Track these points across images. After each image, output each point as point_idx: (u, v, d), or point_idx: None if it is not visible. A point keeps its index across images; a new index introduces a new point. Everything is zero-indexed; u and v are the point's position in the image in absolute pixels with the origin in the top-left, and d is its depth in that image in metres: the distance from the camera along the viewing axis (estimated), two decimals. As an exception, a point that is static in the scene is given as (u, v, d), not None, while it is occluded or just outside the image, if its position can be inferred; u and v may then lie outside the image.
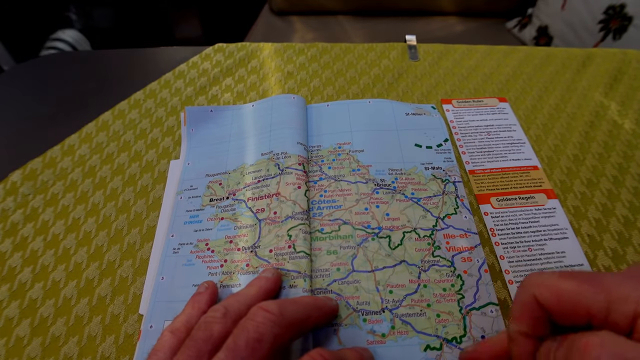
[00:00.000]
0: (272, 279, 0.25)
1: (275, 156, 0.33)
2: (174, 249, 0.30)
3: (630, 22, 0.68)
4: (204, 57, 0.45)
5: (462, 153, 0.36)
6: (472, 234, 0.30)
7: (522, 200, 0.32)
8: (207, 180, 0.33)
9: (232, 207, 0.31)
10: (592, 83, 0.41)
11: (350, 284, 0.27)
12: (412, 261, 0.28)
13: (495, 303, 0.26)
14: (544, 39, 0.82)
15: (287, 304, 0.21)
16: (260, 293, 0.24)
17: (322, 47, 0.46)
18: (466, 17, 0.94)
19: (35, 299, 0.29)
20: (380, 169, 0.33)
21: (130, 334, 0.27)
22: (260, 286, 0.25)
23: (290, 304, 0.22)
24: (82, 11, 1.13)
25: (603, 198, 0.33)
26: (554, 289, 0.17)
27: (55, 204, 0.33)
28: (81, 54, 0.62)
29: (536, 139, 0.37)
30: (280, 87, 0.42)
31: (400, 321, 0.26)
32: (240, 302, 0.23)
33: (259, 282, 0.25)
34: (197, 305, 0.24)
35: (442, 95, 0.41)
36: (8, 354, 0.26)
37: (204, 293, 0.25)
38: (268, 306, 0.21)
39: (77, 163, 0.36)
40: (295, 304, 0.22)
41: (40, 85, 0.45)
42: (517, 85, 0.42)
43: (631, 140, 0.37)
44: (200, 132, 0.36)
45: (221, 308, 0.22)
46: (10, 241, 0.31)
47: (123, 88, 0.42)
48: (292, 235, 0.28)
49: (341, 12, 0.97)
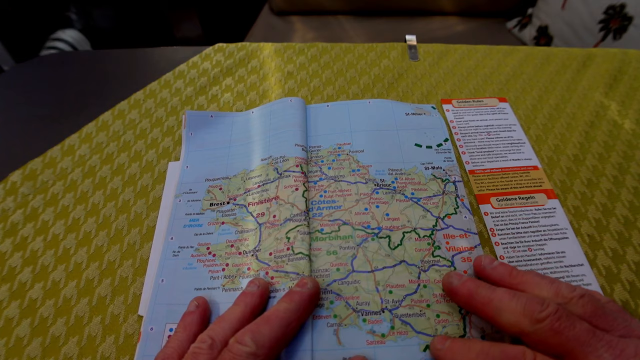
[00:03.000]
0: (257, 292, 0.26)
1: (274, 161, 0.33)
2: (174, 252, 0.30)
3: (630, 22, 0.68)
4: (204, 57, 0.45)
5: (462, 153, 0.36)
6: (472, 234, 0.30)
7: (522, 200, 0.32)
8: (207, 184, 0.33)
9: (232, 212, 0.31)
10: (592, 83, 0.41)
11: (350, 284, 0.27)
12: (412, 261, 0.28)
13: (495, 303, 0.26)
14: (544, 39, 0.82)
15: (261, 327, 0.22)
16: (247, 312, 0.24)
17: (322, 47, 0.46)
18: (466, 17, 0.94)
19: (35, 299, 0.29)
20: (380, 169, 0.33)
21: (130, 334, 0.27)
22: (246, 303, 0.25)
23: (264, 326, 0.22)
24: (82, 11, 1.13)
25: (603, 198, 0.33)
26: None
27: (55, 204, 0.33)
28: (81, 54, 0.62)
29: (536, 139, 0.37)
30: (280, 87, 0.42)
31: (399, 321, 0.26)
32: (225, 328, 0.23)
33: (244, 298, 0.25)
34: (189, 328, 0.25)
35: (442, 95, 0.41)
36: (8, 354, 0.26)
37: (195, 312, 0.26)
38: (243, 339, 0.21)
39: (77, 163, 0.36)
40: (269, 324, 0.22)
41: (40, 85, 0.45)
42: (517, 85, 0.42)
43: (631, 140, 0.37)
44: (199, 136, 0.36)
45: (207, 339, 0.22)
46: (10, 241, 0.31)
47: (123, 88, 0.42)
48: (291, 237, 0.28)
49: (341, 12, 0.97)
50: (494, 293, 0.22)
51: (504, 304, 0.21)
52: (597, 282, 0.28)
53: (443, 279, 0.26)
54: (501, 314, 0.21)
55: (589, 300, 0.21)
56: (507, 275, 0.24)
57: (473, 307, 0.23)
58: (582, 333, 0.19)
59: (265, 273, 0.28)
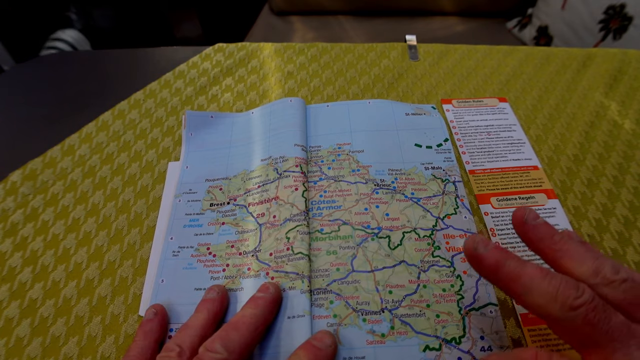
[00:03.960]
0: (217, 298, 0.26)
1: (274, 161, 0.33)
2: (174, 252, 0.30)
3: (630, 22, 0.68)
4: (204, 57, 0.45)
5: (462, 153, 0.36)
6: (472, 234, 0.29)
7: (522, 200, 0.32)
8: (207, 185, 0.33)
9: (233, 212, 0.31)
10: (592, 83, 0.41)
11: (349, 284, 0.27)
12: (412, 261, 0.28)
13: (495, 303, 0.26)
14: (544, 39, 0.82)
15: (230, 333, 0.22)
16: (210, 318, 0.25)
17: (322, 47, 0.46)
18: (466, 17, 0.94)
19: (35, 299, 0.29)
20: (380, 169, 0.33)
21: (130, 334, 0.27)
22: (208, 310, 0.25)
23: (233, 332, 0.22)
24: (82, 11, 1.13)
25: (603, 198, 0.33)
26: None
27: (55, 204, 0.33)
28: (81, 54, 0.62)
29: (536, 139, 0.37)
30: (280, 87, 0.42)
31: (399, 321, 0.26)
32: (192, 335, 0.23)
33: (206, 305, 0.25)
34: (149, 335, 0.25)
35: (442, 95, 0.41)
36: (8, 354, 0.26)
37: (154, 320, 0.26)
38: (213, 347, 0.21)
39: (77, 163, 0.36)
40: (237, 330, 0.23)
41: (40, 85, 0.45)
42: (517, 85, 0.42)
43: (631, 140, 0.37)
44: (199, 136, 0.36)
45: (175, 347, 0.22)
46: (10, 241, 0.31)
47: (123, 88, 0.42)
48: (290, 237, 0.28)
49: (341, 12, 0.97)
50: (524, 268, 0.19)
51: (535, 282, 0.19)
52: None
53: (466, 243, 0.22)
54: (530, 293, 0.19)
55: (632, 286, 0.18)
56: (548, 237, 0.21)
57: (498, 280, 0.21)
58: (616, 327, 0.17)
59: (265, 273, 0.28)
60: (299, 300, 0.26)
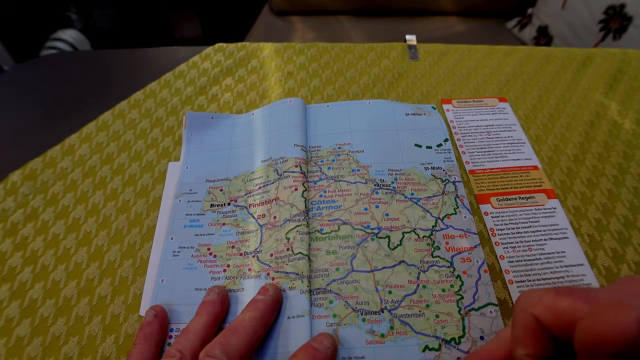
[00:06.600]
0: (218, 300, 0.26)
1: (274, 162, 0.33)
2: (174, 252, 0.30)
3: (630, 22, 0.68)
4: (204, 57, 0.45)
5: (462, 153, 0.36)
6: (471, 234, 0.30)
7: (522, 200, 0.32)
8: (207, 185, 0.33)
9: (233, 213, 0.31)
10: (592, 83, 0.41)
11: (349, 283, 0.27)
12: (412, 262, 0.28)
13: (495, 304, 0.26)
14: (544, 39, 0.82)
15: (229, 338, 0.22)
16: (210, 320, 0.25)
17: (322, 47, 0.46)
18: (466, 17, 0.94)
19: (35, 298, 0.29)
20: (379, 169, 0.33)
21: (130, 334, 0.27)
22: (209, 312, 0.25)
23: (232, 336, 0.22)
24: (82, 11, 1.13)
25: (603, 198, 0.33)
26: (552, 308, 0.17)
27: (55, 204, 0.33)
28: (81, 54, 0.62)
29: (536, 138, 0.37)
30: (280, 87, 0.42)
31: (399, 321, 0.26)
32: (192, 340, 0.23)
33: (206, 307, 0.25)
34: (150, 338, 0.25)
35: (442, 95, 0.41)
36: (8, 354, 0.26)
37: (154, 322, 0.26)
38: (213, 352, 0.21)
39: (77, 163, 0.36)
40: (236, 334, 0.23)
41: (40, 85, 0.45)
42: (517, 85, 0.42)
43: (631, 140, 0.37)
44: (200, 137, 0.36)
45: (176, 352, 0.22)
46: (11, 241, 0.31)
47: (123, 88, 0.42)
48: (290, 238, 0.28)
49: (341, 12, 0.97)
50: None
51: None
52: (597, 282, 0.28)
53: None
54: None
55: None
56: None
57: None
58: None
59: (266, 274, 0.28)
60: (299, 300, 0.26)
